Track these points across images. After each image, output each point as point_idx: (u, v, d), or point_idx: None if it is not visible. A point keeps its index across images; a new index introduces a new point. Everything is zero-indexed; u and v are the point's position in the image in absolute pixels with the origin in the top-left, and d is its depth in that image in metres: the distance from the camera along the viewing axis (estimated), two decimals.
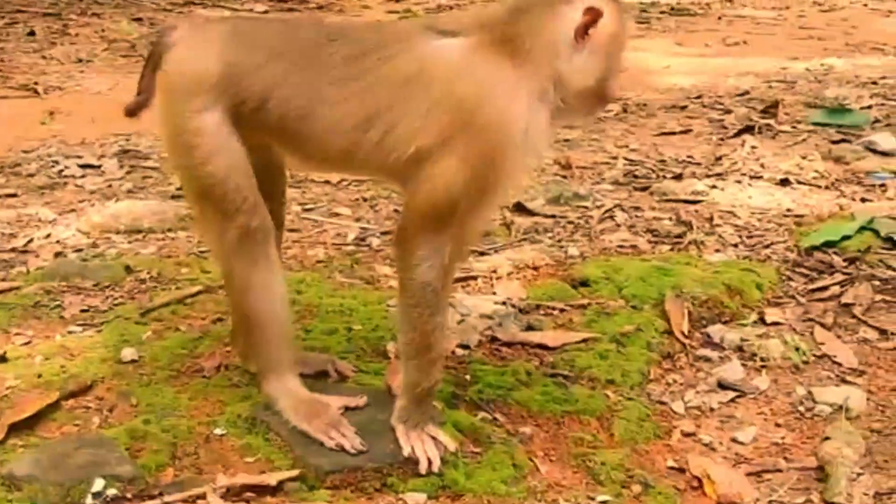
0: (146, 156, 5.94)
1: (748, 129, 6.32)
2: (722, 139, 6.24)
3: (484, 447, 2.79)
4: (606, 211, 4.85)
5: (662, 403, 3.14)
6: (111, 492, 2.53)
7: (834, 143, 6.05)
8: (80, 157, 5.92)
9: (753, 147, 5.97)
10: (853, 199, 5.03)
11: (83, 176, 5.56)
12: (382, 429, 2.72)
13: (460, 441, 2.77)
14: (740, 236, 4.51)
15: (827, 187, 5.25)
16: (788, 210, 4.89)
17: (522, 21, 2.59)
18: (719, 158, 5.79)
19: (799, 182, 5.31)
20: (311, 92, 2.64)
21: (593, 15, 2.57)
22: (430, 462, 2.64)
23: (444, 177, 2.56)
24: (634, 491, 2.68)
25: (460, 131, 2.54)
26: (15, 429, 2.81)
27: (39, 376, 3.11)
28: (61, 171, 5.64)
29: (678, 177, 5.44)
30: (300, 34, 2.76)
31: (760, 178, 5.40)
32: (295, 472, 2.63)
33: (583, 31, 2.59)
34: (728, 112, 6.83)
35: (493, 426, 2.90)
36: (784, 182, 5.30)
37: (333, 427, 2.69)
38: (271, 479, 2.60)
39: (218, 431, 2.80)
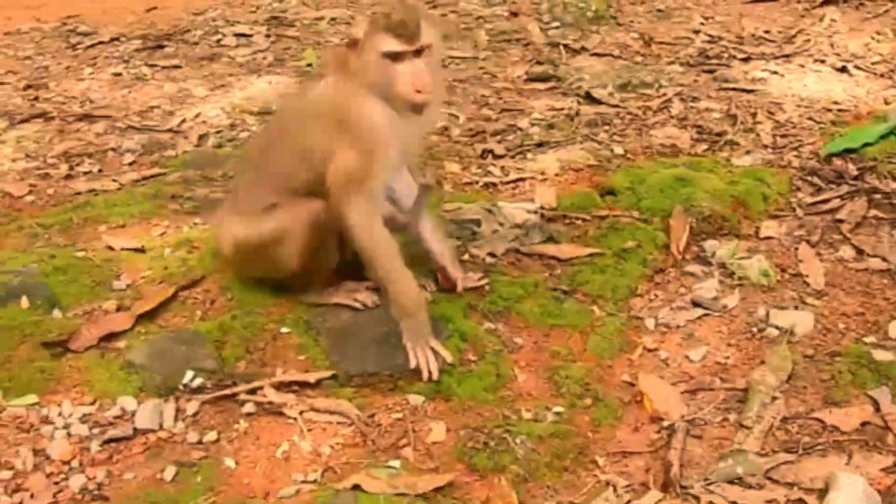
0: (291, 23, 6.39)
1: None
2: (807, 9, 6.16)
3: (479, 356, 3.28)
4: (665, 101, 5.04)
5: (639, 319, 3.51)
6: (197, 382, 3.17)
7: None
8: (238, 22, 6.43)
9: (832, 21, 5.92)
10: None
11: (236, 46, 6.08)
12: (399, 342, 3.24)
13: (461, 350, 3.28)
14: (774, 136, 4.65)
15: (882, 75, 5.23)
16: (834, 103, 4.95)
17: (346, 56, 3.19)
18: (794, 36, 5.78)
19: (857, 68, 5.30)
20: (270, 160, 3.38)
21: (349, 38, 3.18)
22: (430, 372, 3.17)
23: (342, 160, 3.14)
24: (586, 403, 3.13)
25: (344, 133, 3.15)
26: (141, 318, 3.47)
27: (166, 268, 3.75)
28: (219, 40, 6.17)
29: (747, 59, 5.50)
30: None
31: (823, 62, 5.41)
32: (329, 373, 3.20)
33: (351, 47, 3.17)
34: None
35: (492, 336, 3.37)
36: (843, 69, 5.30)
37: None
38: (312, 377, 3.19)
39: (284, 330, 3.38)
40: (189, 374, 3.19)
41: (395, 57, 3.08)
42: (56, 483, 2.86)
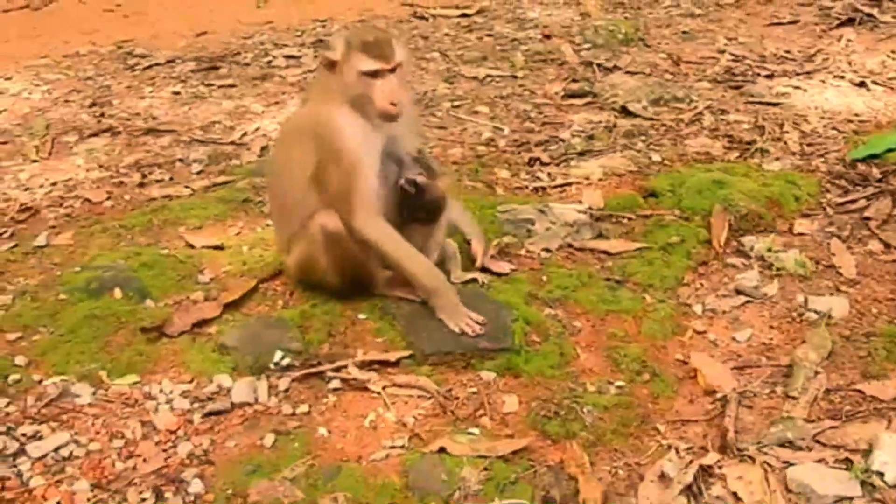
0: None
1: (850, 21, 6.50)
2: (824, 31, 6.46)
3: (543, 338, 3.53)
4: (696, 114, 5.32)
5: (687, 305, 3.77)
6: (286, 361, 3.42)
7: None
8: (285, 45, 6.73)
9: (849, 41, 6.20)
10: None
11: (286, 67, 6.38)
12: None
13: (526, 333, 3.53)
14: (801, 144, 4.93)
15: None
16: (855, 115, 5.23)
17: (326, 77, 3.49)
18: (814, 55, 6.07)
19: (875, 83, 5.58)
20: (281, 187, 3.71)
21: (325, 56, 3.45)
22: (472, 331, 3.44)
23: (329, 175, 3.45)
24: (644, 378, 3.38)
25: (325, 151, 3.45)
26: (227, 307, 3.73)
27: (245, 263, 4.02)
28: (270, 61, 6.47)
29: (770, 76, 5.79)
30: None
31: (843, 78, 5.69)
32: (408, 352, 3.45)
33: (328, 66, 3.45)
34: None
35: (553, 321, 3.63)
36: (861, 84, 5.58)
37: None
38: (392, 356, 3.44)
39: (361, 316, 3.63)
40: (278, 354, 3.44)
41: (373, 74, 3.41)
42: (165, 450, 3.10)
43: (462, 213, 3.86)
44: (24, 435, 3.12)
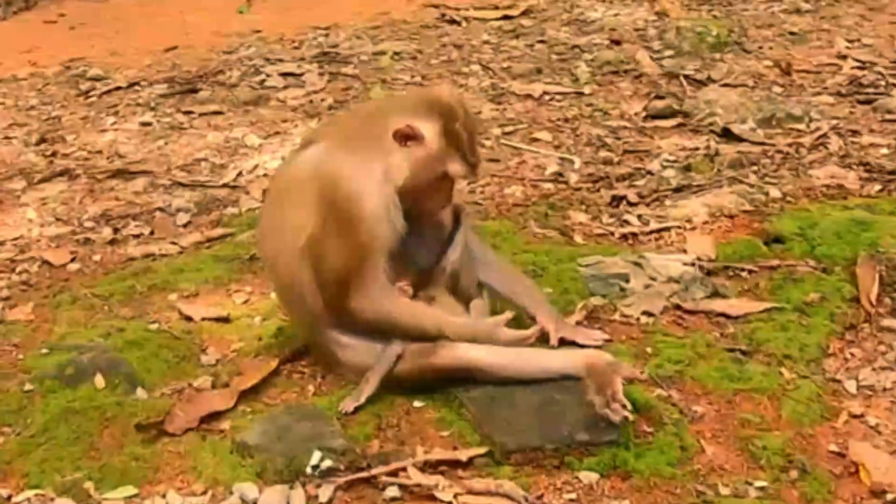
0: (346, 59, 6.81)
1: None
2: None
3: (656, 427, 3.55)
4: (820, 136, 5.39)
5: (836, 381, 3.79)
6: (326, 463, 3.43)
7: None
8: (280, 60, 6.85)
9: None
10: None
11: (285, 87, 6.47)
12: (561, 410, 3.53)
13: (634, 421, 3.55)
14: None
15: None
16: None
17: (368, 123, 3.64)
18: None
19: None
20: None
21: (410, 130, 3.48)
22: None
23: (325, 248, 3.56)
24: (792, 476, 3.39)
25: (328, 209, 3.54)
26: (244, 395, 3.76)
27: (259, 339, 4.07)
28: (263, 80, 6.57)
29: None
30: None
31: None
32: (483, 450, 3.48)
33: (402, 138, 3.49)
34: None
35: (667, 404, 3.66)
36: None
37: None
38: (462, 455, 3.46)
39: (417, 404, 3.66)
40: (316, 455, 3.45)
41: (453, 179, 3.58)
42: None
43: (515, 279, 3.95)
44: None
